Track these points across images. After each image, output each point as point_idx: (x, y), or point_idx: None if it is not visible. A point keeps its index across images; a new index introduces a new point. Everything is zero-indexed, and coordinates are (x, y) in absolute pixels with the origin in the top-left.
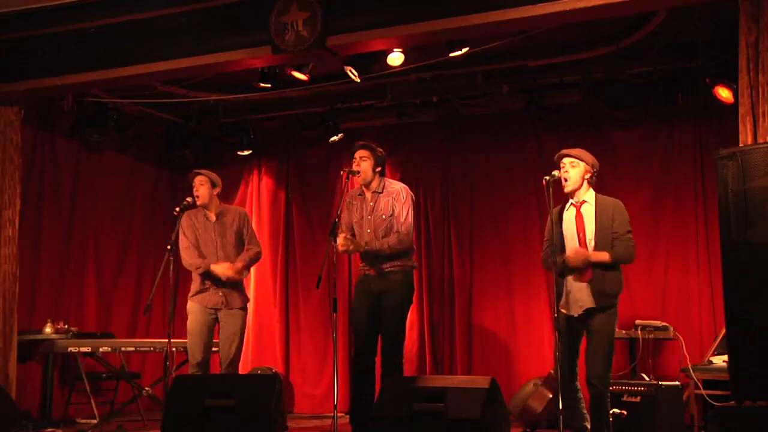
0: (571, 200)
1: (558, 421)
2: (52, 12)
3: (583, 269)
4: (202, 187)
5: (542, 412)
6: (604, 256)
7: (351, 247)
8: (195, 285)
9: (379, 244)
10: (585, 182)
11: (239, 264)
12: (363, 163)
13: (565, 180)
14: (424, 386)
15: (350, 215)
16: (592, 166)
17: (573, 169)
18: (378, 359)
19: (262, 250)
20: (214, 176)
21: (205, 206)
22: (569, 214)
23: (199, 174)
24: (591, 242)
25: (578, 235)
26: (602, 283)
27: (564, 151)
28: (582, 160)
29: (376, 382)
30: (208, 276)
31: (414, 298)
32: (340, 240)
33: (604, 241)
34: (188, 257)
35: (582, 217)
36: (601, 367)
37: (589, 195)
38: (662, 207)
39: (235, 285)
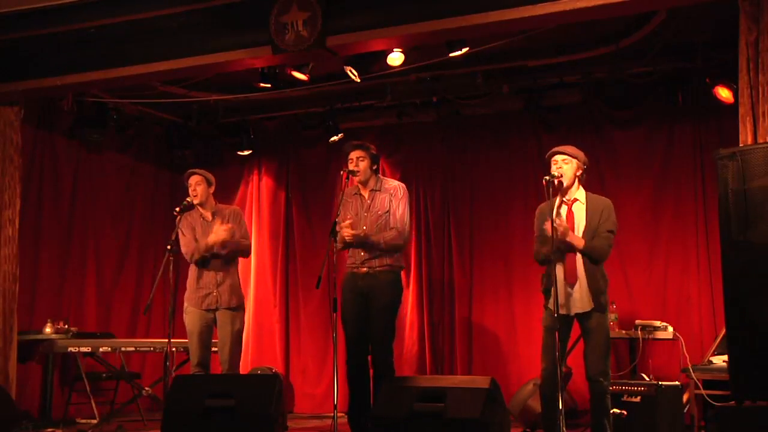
0: (562, 198)
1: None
2: (52, 12)
3: (562, 249)
4: (199, 186)
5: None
6: (579, 241)
7: (360, 232)
8: (189, 284)
9: (376, 237)
10: (576, 179)
11: (233, 241)
12: (361, 163)
13: (560, 176)
14: (424, 386)
15: (344, 213)
16: (584, 163)
17: (566, 166)
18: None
19: (251, 245)
20: (209, 175)
21: (201, 205)
22: (561, 212)
23: (195, 173)
24: None
25: None
26: (596, 282)
27: (557, 149)
28: (575, 158)
29: (370, 381)
30: (204, 266)
31: (414, 298)
32: (346, 224)
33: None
34: (188, 249)
35: (573, 215)
36: (602, 364)
37: (580, 193)
38: (662, 207)
39: (230, 285)
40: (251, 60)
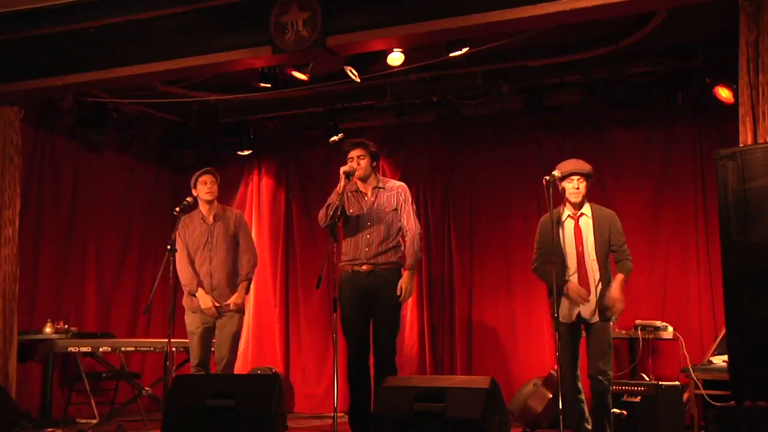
0: (568, 212)
1: (558, 421)
2: (52, 12)
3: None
4: (214, 185)
5: (542, 412)
6: (620, 279)
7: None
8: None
9: (413, 256)
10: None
11: (241, 288)
12: (362, 161)
13: (577, 195)
14: (424, 386)
15: (345, 208)
16: (592, 178)
17: (582, 185)
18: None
19: (257, 255)
20: (218, 175)
21: (210, 203)
22: (568, 226)
23: (209, 172)
24: (591, 256)
25: (577, 249)
26: (604, 297)
27: (575, 168)
28: (590, 177)
29: (371, 381)
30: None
31: (414, 298)
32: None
33: (603, 254)
34: (181, 267)
35: (581, 230)
36: (604, 363)
37: (585, 207)
38: (662, 207)
39: (228, 287)
40: (251, 60)
